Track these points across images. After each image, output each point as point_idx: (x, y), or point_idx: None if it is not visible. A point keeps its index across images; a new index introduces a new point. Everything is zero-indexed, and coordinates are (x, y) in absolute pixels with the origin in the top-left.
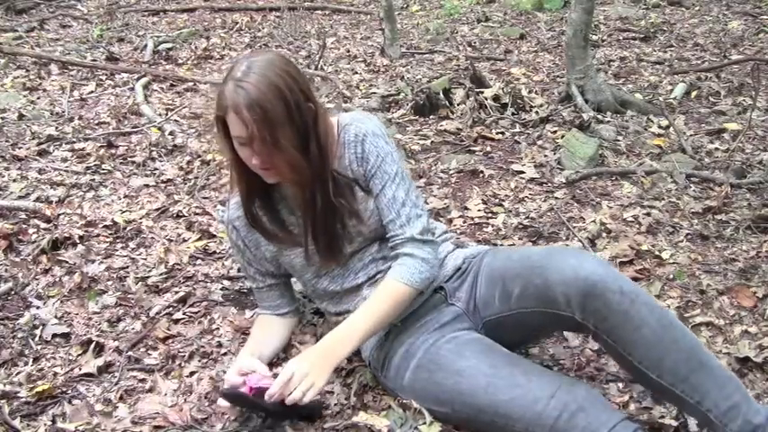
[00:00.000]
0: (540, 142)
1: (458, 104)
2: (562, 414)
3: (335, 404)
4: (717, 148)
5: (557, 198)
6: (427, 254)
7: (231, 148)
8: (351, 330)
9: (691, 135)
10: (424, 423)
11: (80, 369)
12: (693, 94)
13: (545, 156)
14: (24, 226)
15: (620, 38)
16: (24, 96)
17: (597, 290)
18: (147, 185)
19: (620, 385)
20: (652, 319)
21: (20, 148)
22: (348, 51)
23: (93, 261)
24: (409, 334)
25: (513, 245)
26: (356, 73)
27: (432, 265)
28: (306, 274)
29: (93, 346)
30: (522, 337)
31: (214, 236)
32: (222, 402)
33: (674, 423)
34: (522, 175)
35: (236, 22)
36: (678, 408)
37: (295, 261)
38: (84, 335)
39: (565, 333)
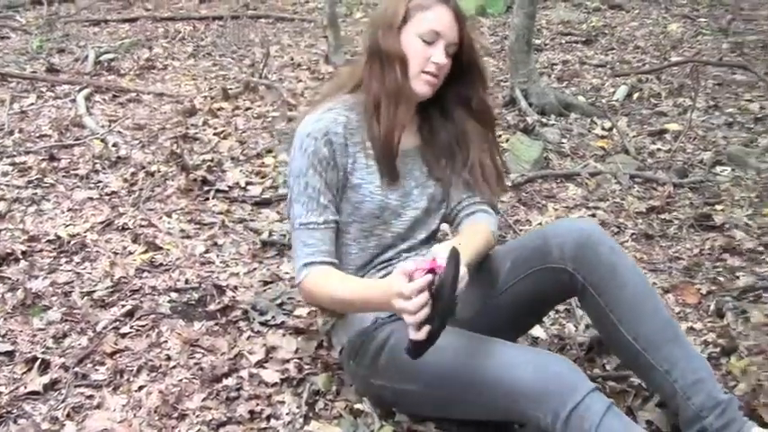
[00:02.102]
0: None
1: None
2: (538, 376)
3: (287, 413)
4: (659, 149)
5: (503, 201)
6: None
7: (399, 47)
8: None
9: (633, 136)
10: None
11: (25, 387)
12: (635, 95)
13: None
14: None
15: (563, 41)
16: None
17: (591, 241)
18: (90, 198)
19: None
20: (637, 282)
21: None
22: (292, 59)
23: (37, 276)
24: (393, 320)
25: None
26: (300, 81)
27: None
28: (364, 223)
29: (38, 363)
30: (505, 323)
31: (160, 248)
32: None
33: None
34: None
35: (179, 32)
36: (645, 381)
37: (367, 205)
38: (29, 352)
39: (531, 332)
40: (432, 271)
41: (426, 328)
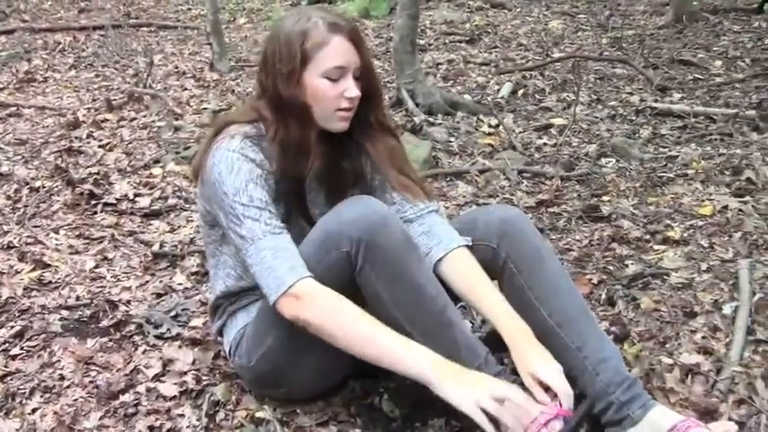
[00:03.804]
0: None
1: None
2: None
3: (187, 426)
4: (545, 143)
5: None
6: None
7: (303, 98)
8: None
9: (520, 132)
10: None
11: None
12: (520, 92)
13: None
14: None
15: (447, 41)
16: None
17: (517, 219)
18: None
19: None
20: (555, 264)
21: None
22: (177, 68)
23: None
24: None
25: None
26: (186, 89)
27: None
28: None
29: None
30: None
31: (49, 265)
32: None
33: None
34: None
35: (59, 43)
36: (557, 358)
37: None
38: None
39: None
40: (557, 417)
41: None
